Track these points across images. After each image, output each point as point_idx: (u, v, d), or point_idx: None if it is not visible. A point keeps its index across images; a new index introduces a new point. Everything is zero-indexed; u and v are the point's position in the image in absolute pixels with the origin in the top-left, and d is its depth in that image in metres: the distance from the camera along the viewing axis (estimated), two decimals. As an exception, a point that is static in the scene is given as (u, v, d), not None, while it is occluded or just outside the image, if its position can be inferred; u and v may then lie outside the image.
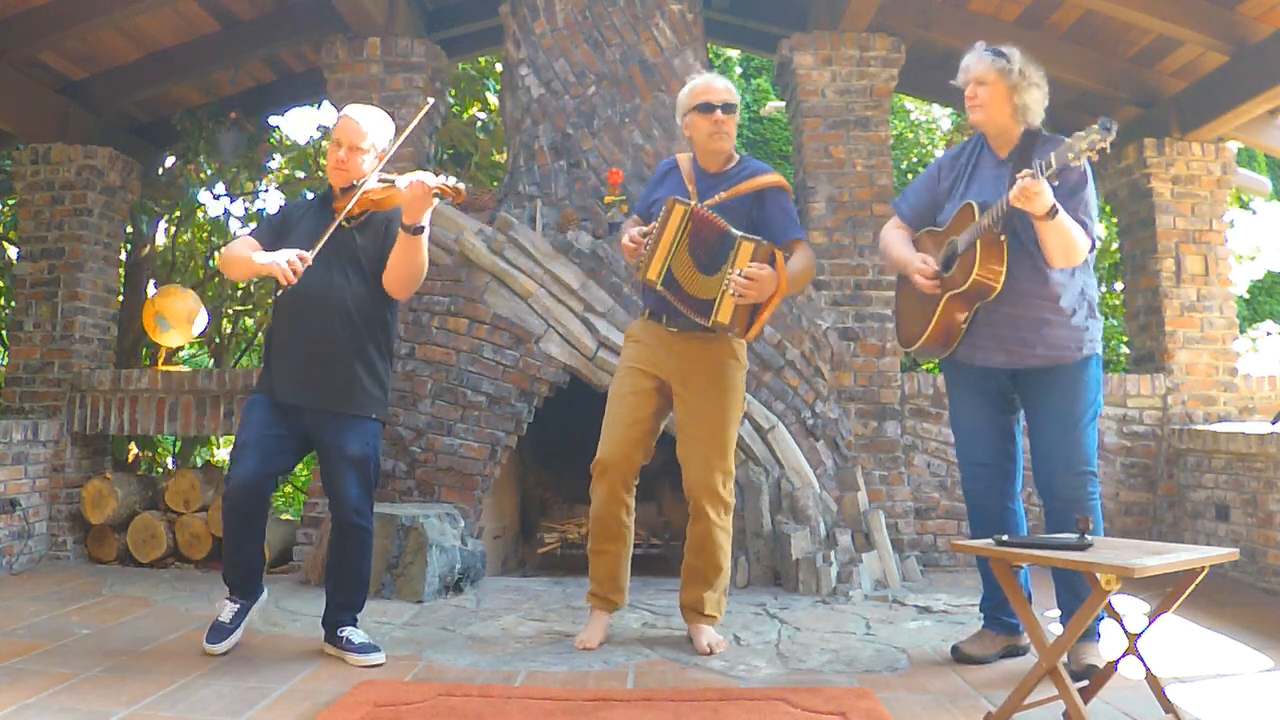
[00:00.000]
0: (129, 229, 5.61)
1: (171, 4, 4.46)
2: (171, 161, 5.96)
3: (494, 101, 6.74)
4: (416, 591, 3.65)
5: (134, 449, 5.89)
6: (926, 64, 5.08)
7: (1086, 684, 2.27)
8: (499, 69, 6.11)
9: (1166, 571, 1.98)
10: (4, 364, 5.62)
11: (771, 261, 2.77)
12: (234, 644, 2.89)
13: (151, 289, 6.07)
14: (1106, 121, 2.36)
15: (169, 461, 6.51)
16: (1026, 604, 2.21)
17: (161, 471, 6.18)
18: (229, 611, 2.93)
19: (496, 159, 6.52)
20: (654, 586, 3.86)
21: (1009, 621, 2.84)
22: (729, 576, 3.08)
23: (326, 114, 7.55)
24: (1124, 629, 2.18)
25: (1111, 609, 2.17)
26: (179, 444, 6.37)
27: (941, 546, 4.43)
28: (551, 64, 4.56)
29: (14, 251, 5.87)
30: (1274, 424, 4.01)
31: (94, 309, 4.92)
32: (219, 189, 6.55)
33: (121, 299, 5.50)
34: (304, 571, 4.02)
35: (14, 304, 5.08)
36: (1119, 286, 5.50)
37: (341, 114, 2.96)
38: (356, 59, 4.69)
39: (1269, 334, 6.73)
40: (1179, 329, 4.69)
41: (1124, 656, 2.19)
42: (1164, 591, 2.19)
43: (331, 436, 2.84)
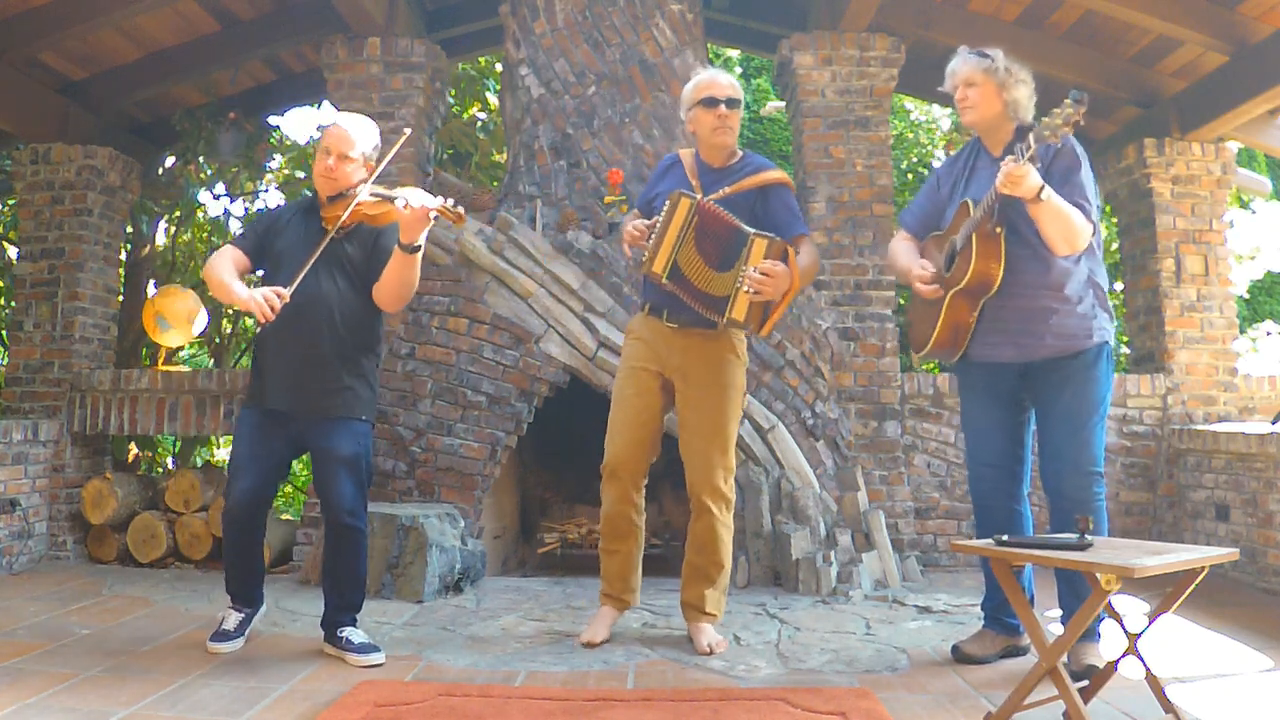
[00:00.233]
0: (129, 229, 5.62)
1: (171, 4, 4.46)
2: (171, 161, 5.97)
3: (494, 101, 6.74)
4: (416, 591, 3.65)
5: (134, 449, 5.89)
6: (926, 64, 5.06)
7: (1086, 684, 2.27)
8: (499, 69, 6.11)
9: (1166, 571, 1.98)
10: (4, 364, 5.62)
11: (784, 258, 2.78)
12: (237, 648, 2.91)
13: (151, 289, 6.07)
14: (1077, 93, 2.37)
15: (169, 461, 6.51)
16: (1027, 604, 2.21)
17: (161, 471, 6.18)
18: (234, 620, 2.98)
19: (496, 159, 6.53)
20: (654, 586, 3.85)
21: (1009, 622, 2.84)
22: (730, 574, 3.08)
23: (326, 114, 7.57)
24: (1124, 629, 2.18)
25: (1111, 609, 2.17)
26: (179, 444, 6.38)
27: (941, 546, 4.43)
28: (551, 64, 4.56)
29: (14, 251, 5.87)
30: (1274, 424, 4.01)
31: (94, 309, 4.92)
32: (219, 189, 6.56)
33: (121, 299, 5.50)
34: (304, 571, 4.02)
35: (14, 304, 5.08)
36: (1119, 286, 5.50)
37: (330, 124, 2.98)
38: (356, 59, 4.68)
39: (1269, 334, 6.72)
40: (1179, 329, 4.69)
41: (1124, 656, 2.19)
42: (1164, 591, 2.19)
43: (323, 439, 2.86)
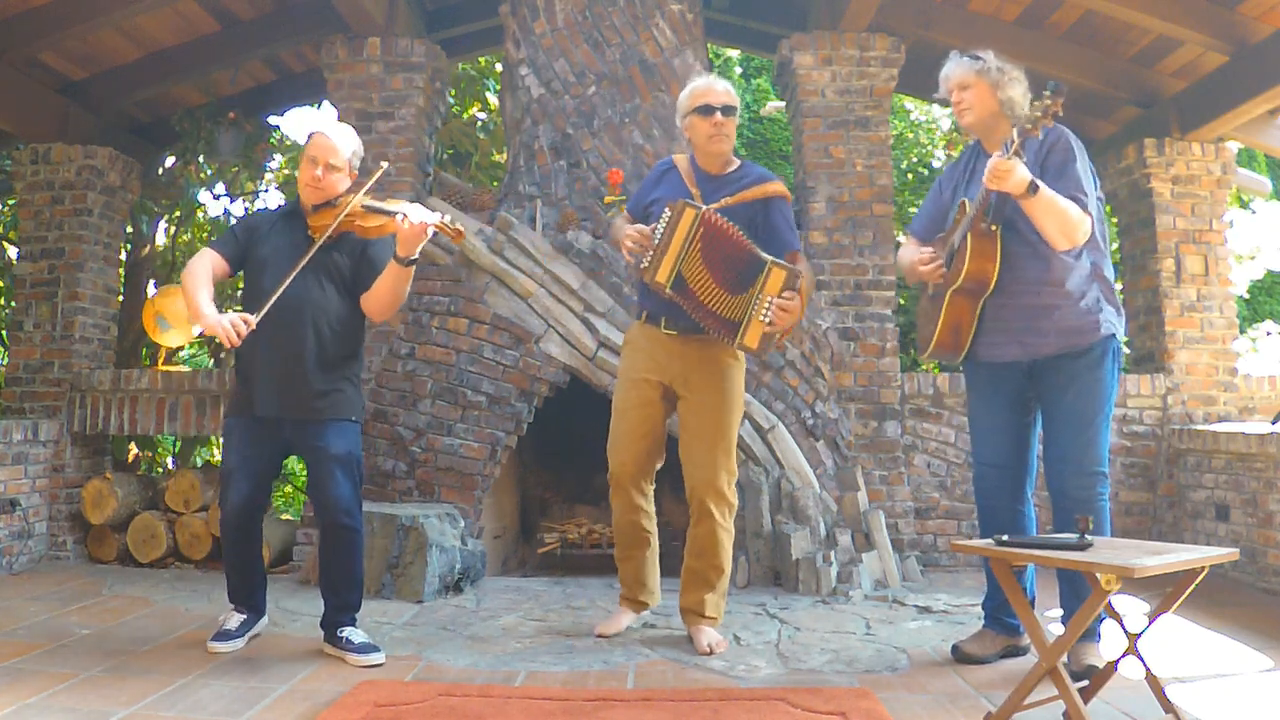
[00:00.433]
0: (129, 229, 5.61)
1: (171, 4, 4.46)
2: (171, 161, 5.97)
3: (494, 101, 6.74)
4: (416, 591, 3.65)
5: (134, 449, 5.89)
6: (926, 64, 5.04)
7: (1086, 684, 2.27)
8: (499, 69, 6.11)
9: (1166, 571, 1.98)
10: (4, 364, 5.62)
11: (795, 286, 2.77)
12: (237, 648, 2.92)
13: (151, 289, 6.07)
14: (1055, 84, 2.42)
15: (169, 461, 6.51)
16: (1027, 604, 2.21)
17: (161, 471, 6.18)
18: (235, 620, 3.00)
19: (496, 159, 6.52)
20: (654, 586, 3.86)
21: (1009, 622, 2.84)
22: (729, 577, 3.08)
23: (326, 114, 7.57)
24: (1124, 629, 2.18)
25: (1111, 609, 2.17)
26: (179, 444, 6.37)
27: (941, 546, 4.43)
28: (551, 64, 4.56)
29: (14, 251, 5.87)
30: (1274, 424, 4.01)
31: (94, 309, 4.92)
32: (219, 189, 6.56)
33: (121, 299, 5.50)
34: (304, 571, 4.02)
35: (14, 304, 5.08)
36: (1119, 286, 5.49)
37: (315, 132, 3.00)
38: (356, 59, 4.68)
39: (1269, 334, 6.72)
40: (1179, 329, 4.69)
41: (1124, 656, 2.19)
42: (1164, 591, 2.19)
43: (315, 440, 2.88)
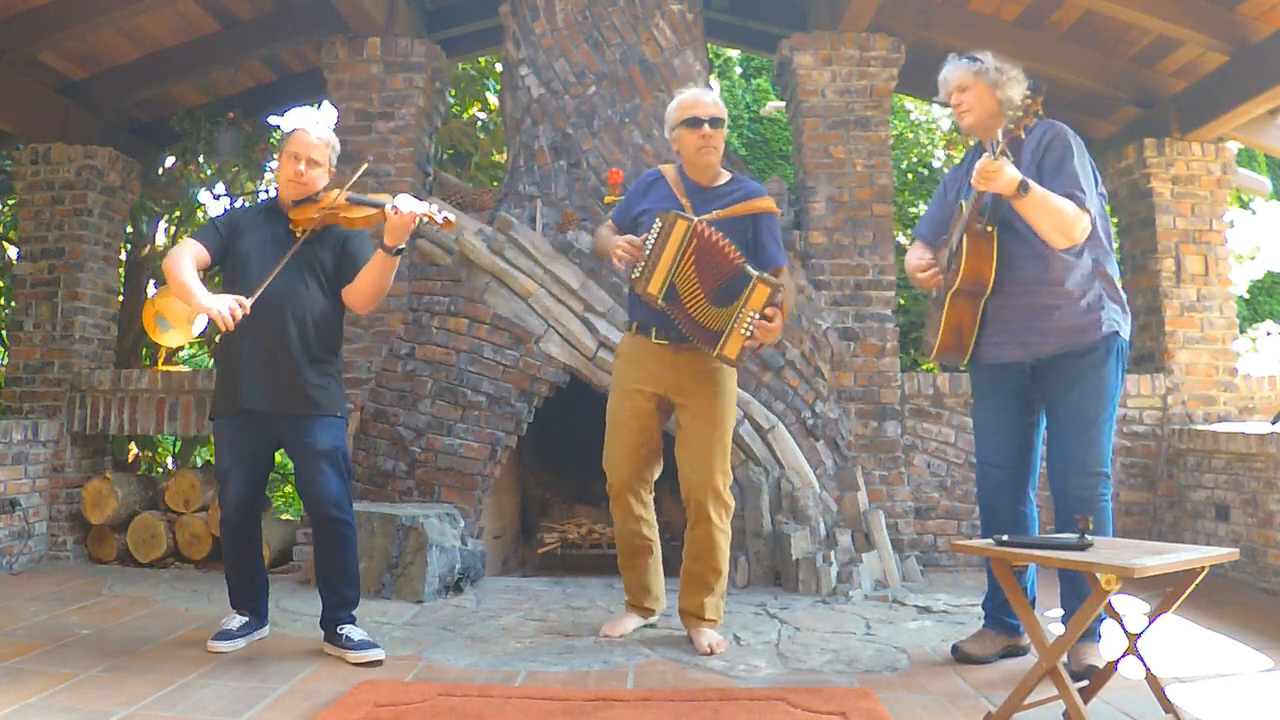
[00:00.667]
0: (129, 229, 5.61)
1: (171, 4, 4.46)
2: (171, 161, 5.96)
3: (494, 101, 6.74)
4: (416, 591, 3.65)
5: (134, 449, 5.89)
6: (926, 64, 5.04)
7: (1086, 684, 2.27)
8: (499, 69, 6.11)
9: (1166, 571, 1.98)
10: (4, 364, 5.62)
11: (777, 299, 2.78)
12: (238, 648, 2.92)
13: (151, 289, 6.07)
14: (1034, 83, 2.48)
15: (169, 461, 6.51)
16: (1027, 604, 2.21)
17: (161, 471, 6.18)
18: (237, 621, 3.01)
19: (496, 159, 6.53)
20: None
21: (1010, 621, 2.84)
22: (728, 579, 3.09)
23: (326, 114, 7.57)
24: (1124, 629, 2.18)
25: (1111, 609, 2.17)
26: (179, 444, 6.37)
27: (941, 546, 4.43)
28: (551, 64, 4.56)
29: (14, 251, 5.87)
30: (1274, 424, 4.01)
31: (94, 309, 4.92)
32: (219, 189, 6.56)
33: (121, 299, 5.49)
34: (304, 571, 4.02)
35: (14, 304, 5.08)
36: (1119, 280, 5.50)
37: (296, 129, 3.02)
38: (356, 59, 4.68)
39: (1269, 334, 6.73)
40: (1179, 329, 4.69)
41: (1124, 656, 2.19)
42: (1164, 591, 2.19)
43: (302, 436, 2.91)
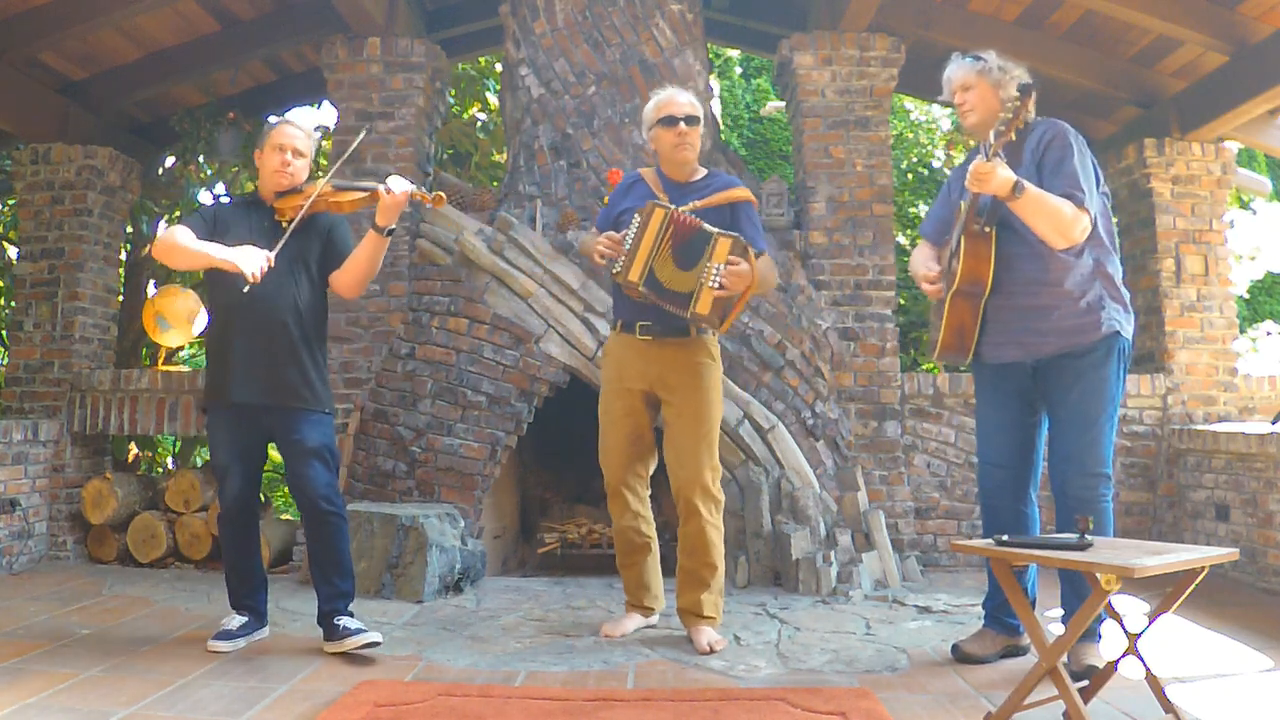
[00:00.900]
0: (129, 229, 5.61)
1: (171, 4, 4.46)
2: (171, 161, 5.96)
3: (494, 101, 6.74)
4: (416, 591, 3.65)
5: (134, 449, 5.89)
6: (926, 64, 5.05)
7: (1086, 684, 2.27)
8: (499, 69, 6.11)
9: (1166, 571, 1.98)
10: (4, 364, 5.62)
11: (744, 255, 2.85)
12: (238, 648, 2.93)
13: (151, 289, 6.07)
14: (1023, 84, 2.49)
15: (169, 461, 6.51)
16: (1027, 604, 2.21)
17: (161, 471, 6.18)
18: (237, 621, 3.01)
19: (496, 159, 6.52)
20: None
21: (1010, 621, 2.84)
22: (724, 576, 3.09)
23: (326, 114, 7.57)
24: (1124, 629, 2.18)
25: (1111, 609, 2.17)
26: (179, 444, 6.37)
27: (941, 546, 4.43)
28: (551, 64, 4.56)
29: (14, 251, 5.87)
30: (1274, 424, 4.01)
31: (94, 309, 4.92)
32: (219, 189, 6.55)
33: (121, 299, 5.50)
34: (304, 571, 4.01)
35: (14, 304, 5.08)
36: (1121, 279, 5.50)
37: (281, 122, 3.07)
38: (356, 59, 4.68)
39: (1269, 334, 6.73)
40: (1179, 329, 4.69)
41: (1124, 656, 2.19)
42: (1164, 591, 2.19)
43: (292, 432, 2.93)
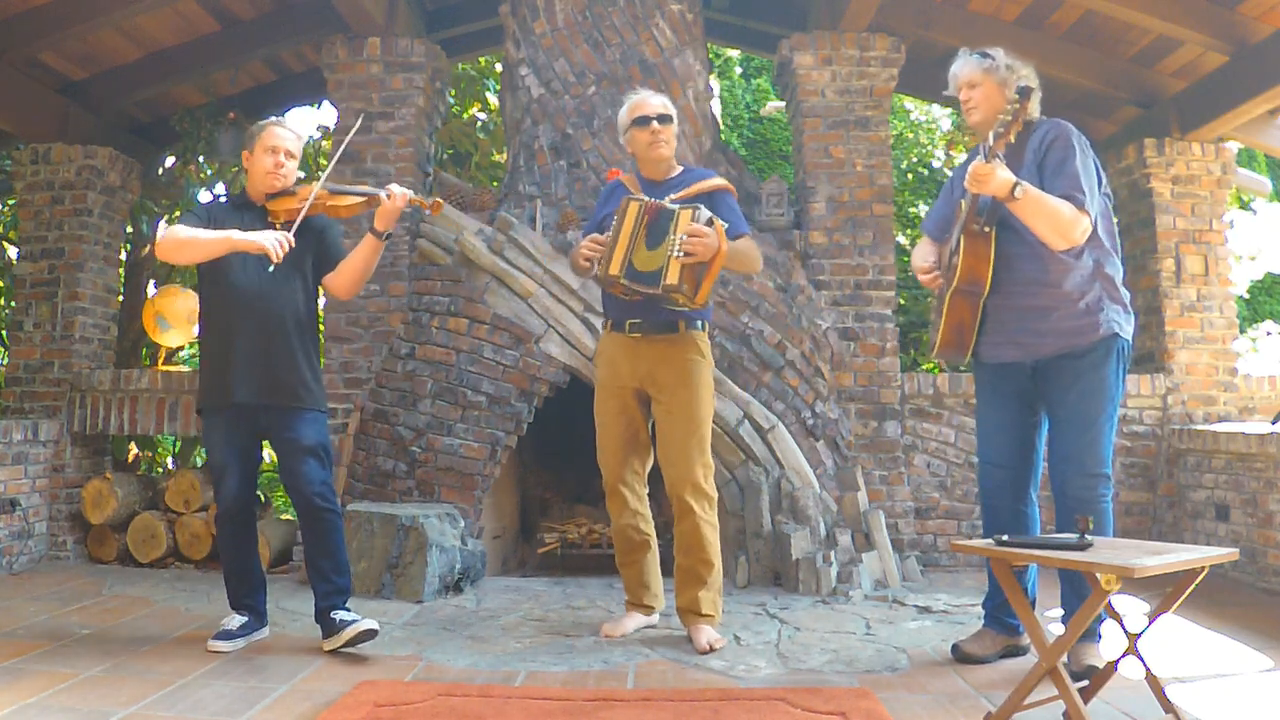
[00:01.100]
0: (129, 229, 5.61)
1: (171, 4, 4.46)
2: (171, 161, 5.96)
3: (494, 101, 6.74)
4: (416, 591, 3.65)
5: (134, 449, 5.89)
6: (926, 64, 5.07)
7: (1086, 684, 2.27)
8: (499, 69, 6.11)
9: (1166, 571, 1.98)
10: (4, 364, 5.62)
11: (710, 226, 2.88)
12: (238, 648, 2.94)
13: (151, 289, 6.07)
14: (1022, 86, 2.51)
15: (169, 461, 6.51)
16: (1027, 604, 2.21)
17: (161, 471, 6.18)
18: (237, 621, 3.03)
19: (496, 159, 6.52)
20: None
21: (1010, 621, 2.84)
22: (722, 573, 3.09)
23: (326, 114, 7.57)
24: (1124, 629, 2.18)
25: (1111, 609, 2.17)
26: (179, 444, 6.37)
27: (941, 546, 4.43)
28: (551, 64, 4.56)
29: (14, 251, 5.87)
30: (1274, 424, 4.01)
31: (94, 309, 4.92)
32: (219, 189, 6.55)
33: (121, 299, 5.49)
34: (303, 571, 4.01)
35: (14, 304, 5.08)
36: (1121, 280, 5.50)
37: (271, 123, 3.07)
38: (356, 59, 4.68)
39: (1269, 334, 6.73)
40: (1179, 329, 4.69)
41: (1124, 656, 2.19)
42: (1164, 591, 2.19)
43: (288, 430, 2.96)
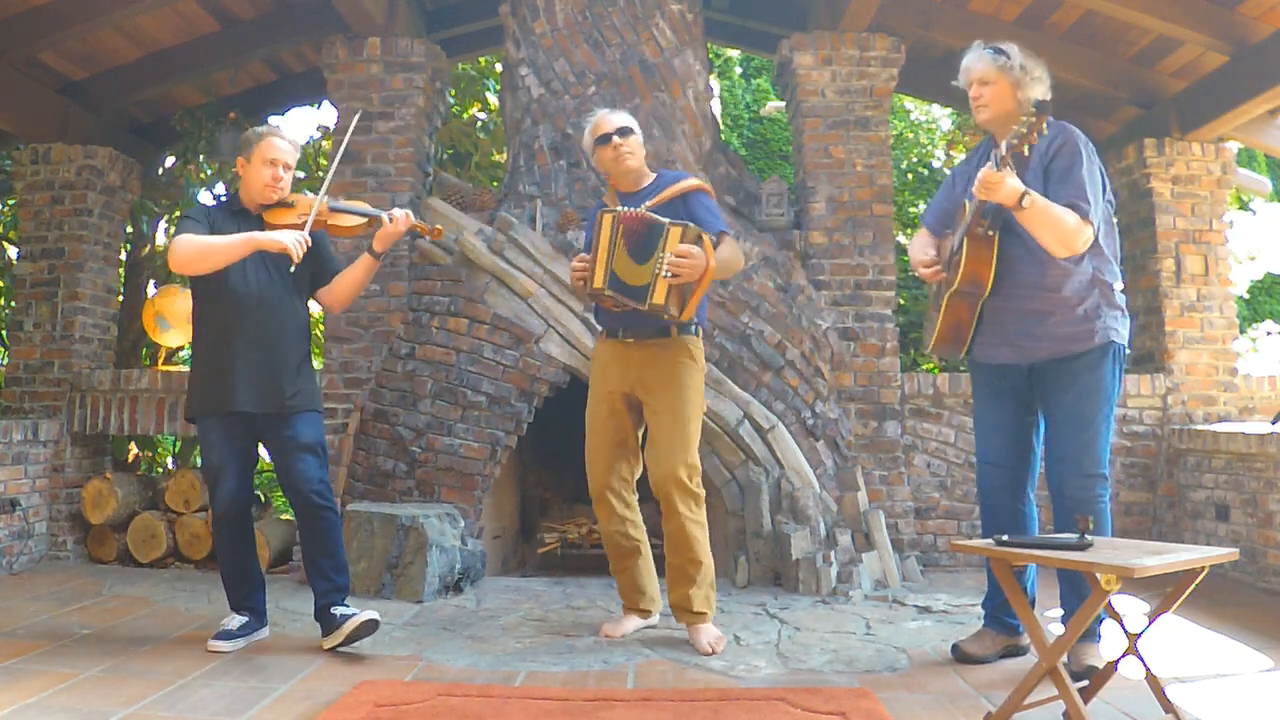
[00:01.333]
0: (129, 229, 5.61)
1: (171, 4, 4.46)
2: (171, 161, 5.96)
3: (494, 101, 6.74)
4: (416, 591, 3.65)
5: (134, 449, 5.89)
6: (926, 64, 5.08)
7: (1086, 684, 2.27)
8: (499, 69, 6.11)
9: (1166, 571, 1.98)
10: (4, 364, 5.61)
11: (699, 243, 2.89)
12: (238, 648, 2.94)
13: (151, 289, 6.07)
14: (1038, 101, 2.47)
15: (169, 461, 6.50)
16: (1027, 604, 2.21)
17: (161, 471, 6.17)
18: (237, 621, 3.03)
19: (496, 159, 6.52)
20: (654, 586, 3.86)
21: (1010, 621, 2.84)
22: (713, 570, 3.09)
23: (326, 114, 7.57)
24: (1124, 629, 2.18)
25: (1111, 609, 2.17)
26: (179, 444, 6.37)
27: (941, 546, 4.43)
28: (551, 64, 4.55)
29: (14, 251, 5.87)
30: (1274, 424, 4.01)
31: (94, 309, 4.92)
32: (219, 189, 6.55)
33: (121, 299, 5.49)
34: (303, 572, 4.01)
35: (14, 304, 5.08)
36: (1119, 288, 5.49)
37: (269, 134, 3.06)
38: (356, 59, 4.68)
39: (1269, 334, 6.72)
40: (1179, 329, 4.69)
41: (1124, 656, 2.19)
42: (1164, 591, 2.19)
43: (285, 430, 2.98)
